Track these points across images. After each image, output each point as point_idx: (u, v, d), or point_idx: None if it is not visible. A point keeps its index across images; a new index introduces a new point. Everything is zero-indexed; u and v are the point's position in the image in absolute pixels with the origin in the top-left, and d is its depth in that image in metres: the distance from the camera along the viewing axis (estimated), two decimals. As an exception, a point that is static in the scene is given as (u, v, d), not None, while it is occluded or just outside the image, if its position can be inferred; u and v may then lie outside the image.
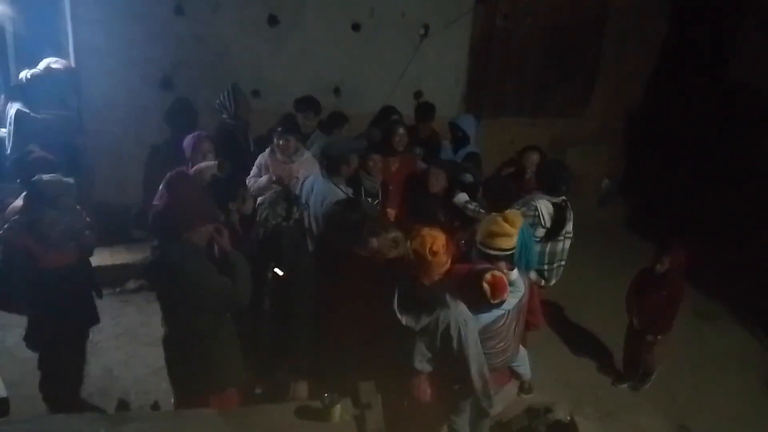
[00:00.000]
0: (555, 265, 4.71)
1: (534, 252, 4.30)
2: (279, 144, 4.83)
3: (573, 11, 7.03)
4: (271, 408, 3.37)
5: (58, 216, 3.74)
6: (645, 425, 4.80)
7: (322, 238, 4.00)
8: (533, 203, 4.47)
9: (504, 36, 6.89)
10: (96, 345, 4.88)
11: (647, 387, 5.07)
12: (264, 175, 4.86)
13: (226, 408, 3.36)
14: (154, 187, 4.63)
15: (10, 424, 3.40)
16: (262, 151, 5.03)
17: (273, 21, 6.01)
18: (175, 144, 4.97)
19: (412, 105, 6.33)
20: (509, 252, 3.50)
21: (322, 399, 3.15)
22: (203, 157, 4.46)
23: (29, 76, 5.08)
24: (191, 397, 3.46)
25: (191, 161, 4.50)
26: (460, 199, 4.69)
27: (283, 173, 4.79)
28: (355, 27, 6.28)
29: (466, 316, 3.23)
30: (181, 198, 3.46)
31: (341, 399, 3.18)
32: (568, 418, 4.08)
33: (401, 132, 5.13)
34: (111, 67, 5.64)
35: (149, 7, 5.59)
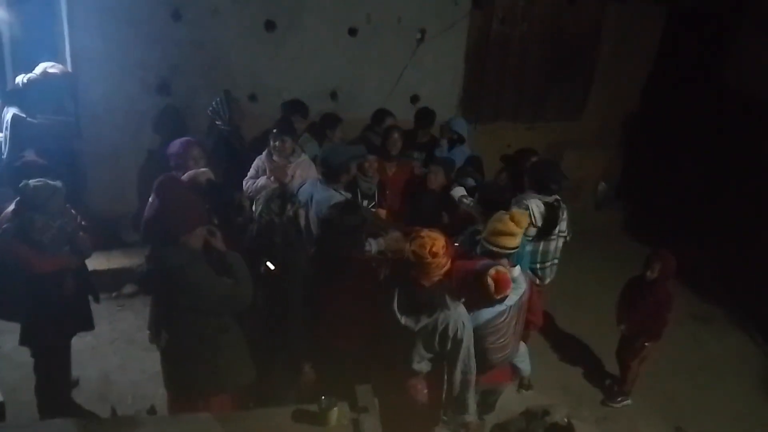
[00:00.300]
0: (548, 264, 4.75)
1: (525, 251, 4.33)
2: (276, 146, 4.86)
3: (570, 15, 7.05)
4: (268, 411, 3.36)
5: (49, 220, 3.72)
6: (642, 428, 4.82)
7: (322, 241, 4.00)
8: (525, 202, 4.51)
9: (501, 40, 6.91)
10: (92, 350, 4.88)
11: (618, 406, 5.00)
12: (261, 177, 4.87)
13: (222, 411, 3.35)
14: (150, 192, 4.61)
15: (7, 429, 3.40)
16: (258, 155, 5.04)
17: (270, 26, 6.01)
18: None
19: (408, 109, 6.35)
20: (512, 250, 3.61)
21: (319, 403, 3.14)
22: (195, 164, 4.42)
23: (26, 80, 5.07)
24: (190, 402, 3.44)
25: (180, 168, 4.41)
26: (456, 193, 4.80)
27: (281, 174, 4.81)
28: (352, 31, 6.28)
29: (465, 317, 3.26)
30: (175, 201, 3.44)
31: (338, 403, 3.17)
32: (565, 420, 4.07)
33: (395, 136, 5.25)
34: (108, 72, 5.63)
35: (147, 12, 5.58)
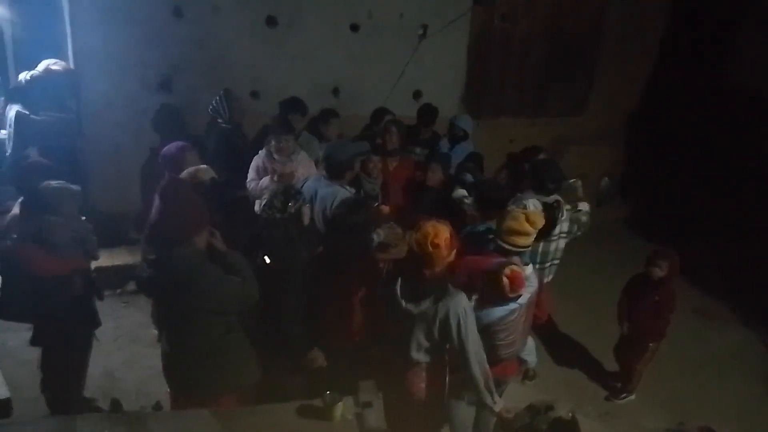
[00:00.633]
0: (548, 264, 4.72)
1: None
2: (278, 146, 4.83)
3: (572, 11, 7.05)
4: (273, 407, 3.36)
5: (65, 223, 3.72)
6: (645, 423, 4.81)
7: (329, 238, 4.00)
8: (523, 202, 4.49)
9: (502, 36, 6.91)
10: (96, 347, 4.88)
11: (621, 402, 5.02)
12: (264, 177, 4.86)
13: (226, 408, 3.36)
14: (152, 190, 4.56)
15: (12, 425, 3.40)
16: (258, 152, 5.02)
17: (271, 22, 6.01)
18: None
19: (410, 105, 6.35)
20: (525, 249, 3.59)
21: (323, 398, 3.15)
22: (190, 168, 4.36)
23: (28, 77, 5.10)
24: (193, 402, 3.43)
25: (174, 172, 4.26)
26: (458, 194, 4.80)
27: (289, 177, 4.77)
28: (354, 28, 6.29)
29: (466, 306, 3.22)
30: (181, 204, 3.42)
31: (342, 398, 3.18)
32: (569, 415, 4.07)
33: (393, 130, 5.23)
34: (110, 70, 5.63)
35: (148, 10, 5.59)
